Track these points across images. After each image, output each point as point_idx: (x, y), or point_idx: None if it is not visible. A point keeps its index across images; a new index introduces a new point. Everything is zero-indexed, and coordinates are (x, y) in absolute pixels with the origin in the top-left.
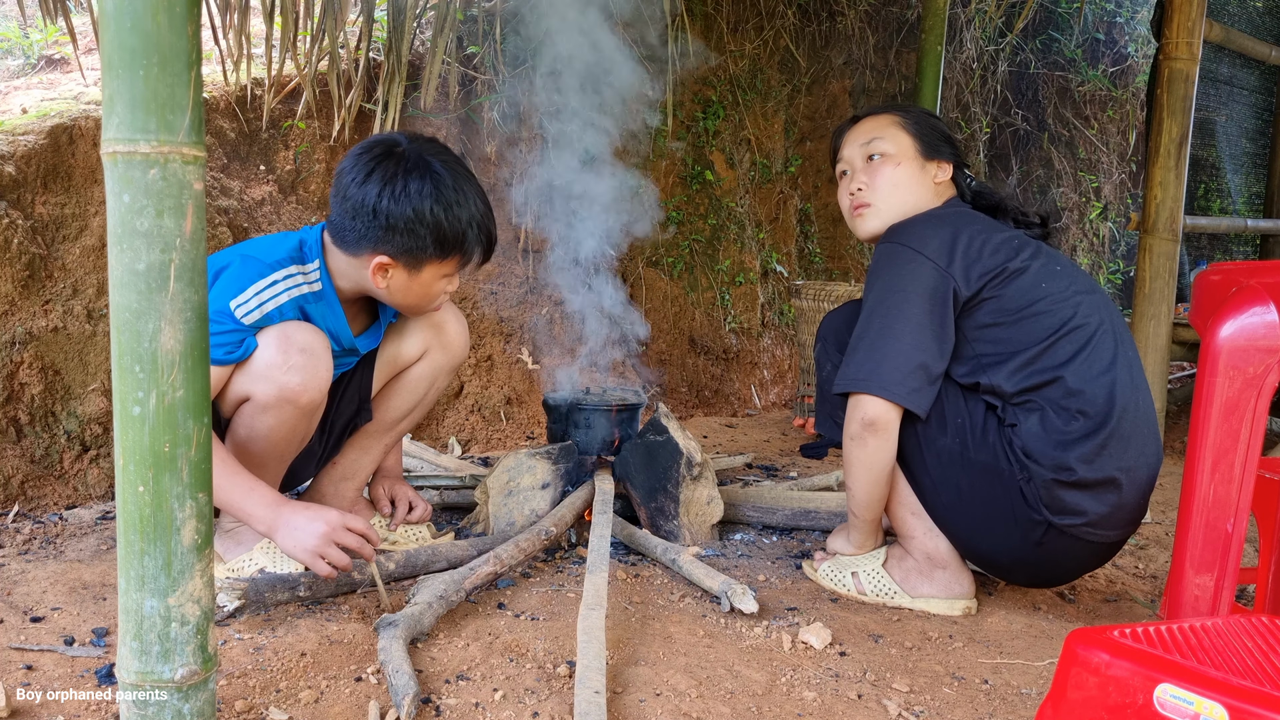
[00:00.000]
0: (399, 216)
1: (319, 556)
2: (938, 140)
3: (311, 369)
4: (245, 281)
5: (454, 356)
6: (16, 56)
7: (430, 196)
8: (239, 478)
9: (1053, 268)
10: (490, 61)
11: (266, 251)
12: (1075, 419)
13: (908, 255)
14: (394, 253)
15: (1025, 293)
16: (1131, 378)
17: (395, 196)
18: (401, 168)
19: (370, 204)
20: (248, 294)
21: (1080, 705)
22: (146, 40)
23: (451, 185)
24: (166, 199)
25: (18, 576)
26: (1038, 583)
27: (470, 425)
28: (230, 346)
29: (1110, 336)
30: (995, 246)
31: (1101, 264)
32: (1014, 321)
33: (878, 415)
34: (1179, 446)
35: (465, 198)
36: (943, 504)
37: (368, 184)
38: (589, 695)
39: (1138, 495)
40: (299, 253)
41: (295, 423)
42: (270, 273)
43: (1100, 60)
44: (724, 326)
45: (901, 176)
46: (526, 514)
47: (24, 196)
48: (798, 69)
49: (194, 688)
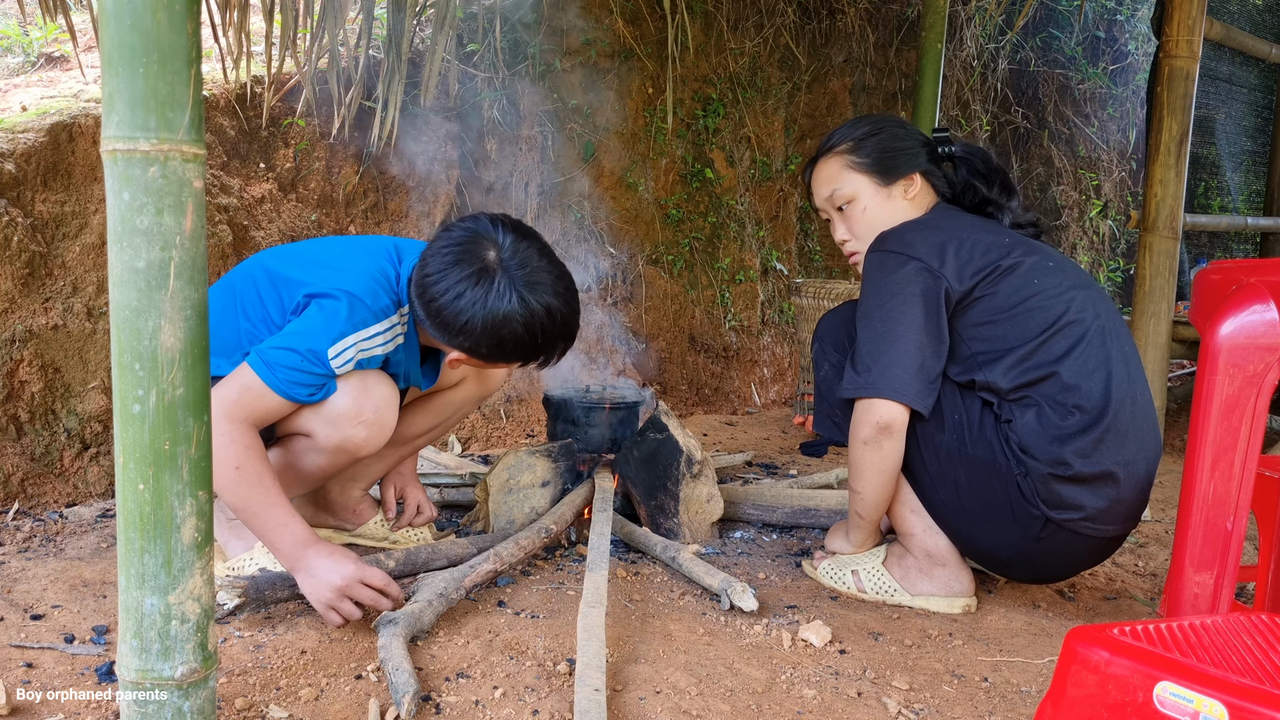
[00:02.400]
0: (485, 338)
1: (330, 608)
2: (891, 161)
3: (379, 426)
4: (349, 328)
5: (488, 390)
6: (16, 54)
7: (520, 321)
8: (277, 509)
9: (1045, 264)
10: (490, 59)
11: (373, 295)
12: (1071, 414)
13: (898, 260)
14: (474, 356)
15: (1017, 290)
16: (1128, 372)
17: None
18: (494, 289)
19: (460, 324)
20: (349, 342)
21: (1080, 703)
22: (146, 38)
23: (544, 311)
24: (166, 197)
25: (18, 574)
26: (1039, 579)
27: (470, 423)
28: (314, 389)
29: (1105, 331)
30: (986, 246)
31: (1101, 262)
32: (1007, 319)
33: (892, 418)
34: (1179, 444)
35: (554, 320)
36: (942, 501)
37: (459, 302)
38: (589, 693)
39: (1136, 490)
40: (396, 296)
41: (344, 466)
42: (375, 323)
43: (1100, 58)
44: (724, 324)
45: (871, 213)
46: (526, 512)
47: (24, 194)
48: (798, 67)
49: (194, 685)
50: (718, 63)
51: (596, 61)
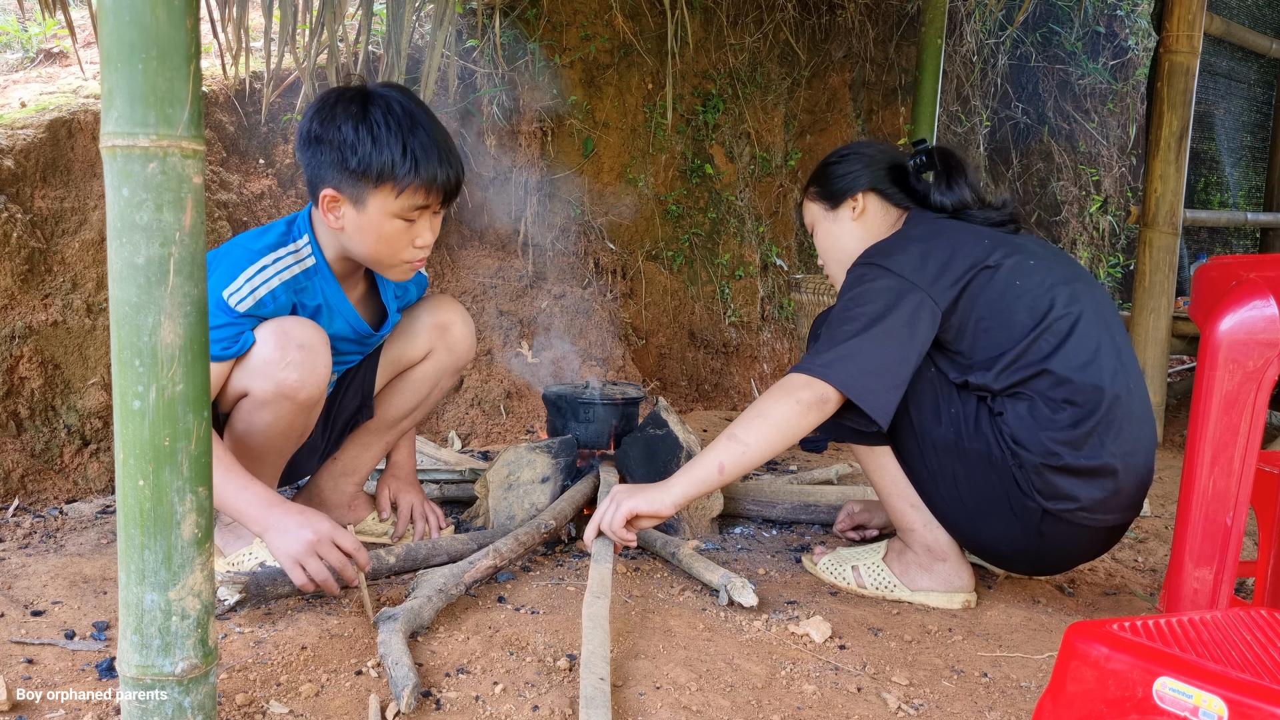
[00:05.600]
0: (326, 136)
1: (298, 564)
2: (834, 185)
3: (309, 365)
4: (235, 270)
5: (459, 358)
6: (15, 50)
7: (356, 117)
8: (234, 475)
9: (1026, 262)
10: (490, 54)
11: (254, 239)
12: (1063, 409)
13: (876, 272)
14: (335, 181)
15: (1002, 293)
16: (1121, 364)
17: (324, 118)
18: (341, 96)
19: (304, 130)
20: (239, 281)
21: (1079, 698)
22: (145, 34)
23: (384, 109)
24: (166, 193)
25: (18, 571)
26: (1040, 571)
27: (470, 419)
28: (227, 342)
29: (1094, 324)
30: (966, 251)
31: (1101, 257)
32: (994, 325)
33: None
34: (1179, 440)
35: (397, 122)
36: (940, 495)
37: (307, 115)
38: (594, 681)
39: (1135, 481)
40: (286, 233)
41: (293, 418)
42: (259, 258)
43: (1101, 53)
44: (724, 320)
45: (824, 237)
46: (526, 508)
47: (23, 190)
48: (797, 62)
49: (194, 681)
50: (717, 58)
51: (596, 57)
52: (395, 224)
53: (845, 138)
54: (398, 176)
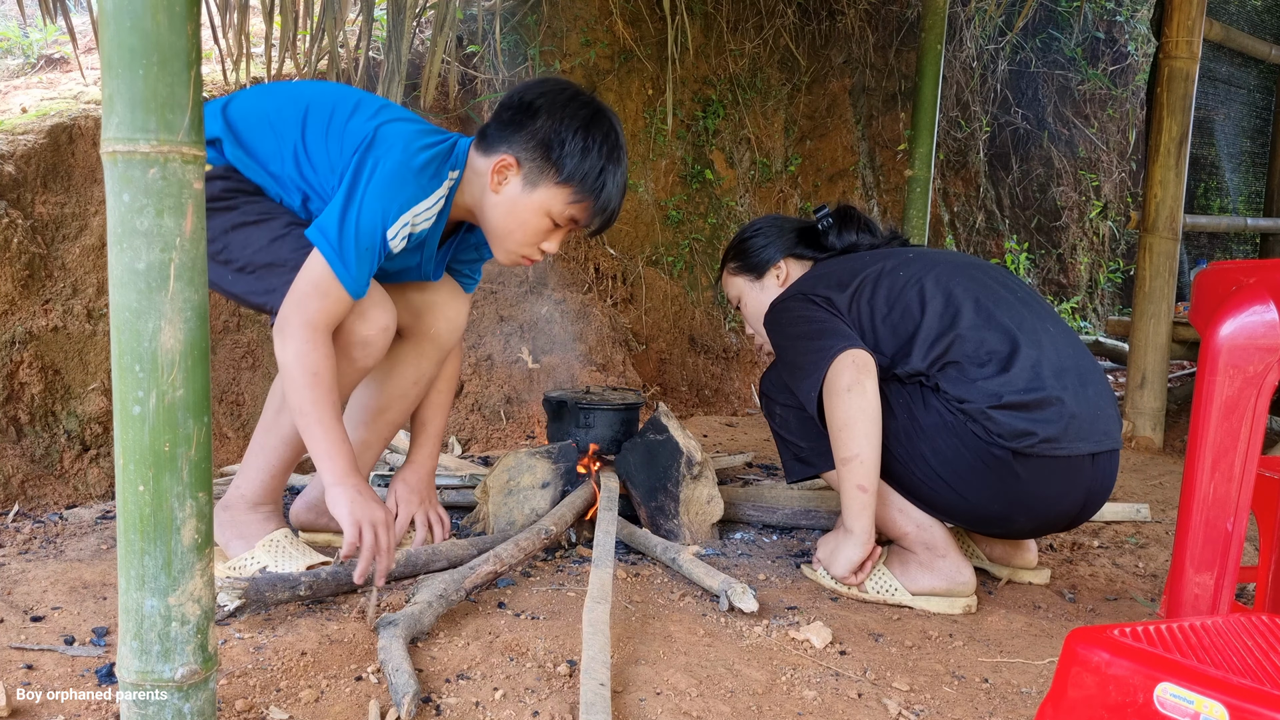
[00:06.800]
0: (547, 116)
1: (359, 526)
2: (755, 258)
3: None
4: (404, 205)
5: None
6: (16, 56)
7: (584, 120)
8: (337, 428)
9: (905, 257)
10: (490, 60)
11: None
12: (986, 362)
13: (785, 306)
14: (524, 156)
15: (890, 290)
16: (1014, 305)
17: (551, 101)
18: (577, 95)
19: (524, 99)
20: (402, 221)
21: (1080, 704)
22: (146, 39)
23: (606, 130)
24: (166, 198)
25: (18, 576)
26: (1047, 523)
27: (470, 424)
28: (366, 281)
29: (972, 286)
30: (852, 270)
31: (1101, 263)
32: (895, 318)
33: (864, 356)
34: (1179, 445)
35: (611, 147)
36: (919, 478)
37: (534, 88)
38: (594, 687)
39: (1087, 405)
40: (444, 163)
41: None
42: (424, 196)
43: (1100, 59)
44: (724, 326)
45: (751, 305)
46: (526, 513)
47: (24, 196)
48: (797, 68)
49: (194, 687)
50: (717, 64)
51: (596, 63)
52: (545, 221)
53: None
54: (585, 187)
